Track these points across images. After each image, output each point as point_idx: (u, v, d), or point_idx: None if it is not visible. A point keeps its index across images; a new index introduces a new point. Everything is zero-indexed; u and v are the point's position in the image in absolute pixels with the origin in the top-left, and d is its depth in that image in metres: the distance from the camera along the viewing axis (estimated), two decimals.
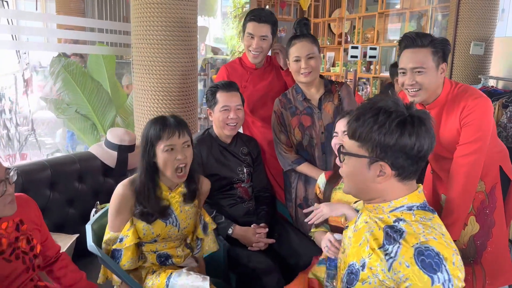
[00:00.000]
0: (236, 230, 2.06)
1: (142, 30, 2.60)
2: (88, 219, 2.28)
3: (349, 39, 6.63)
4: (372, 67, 6.14)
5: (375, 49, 4.04)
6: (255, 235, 2.05)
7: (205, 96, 2.33)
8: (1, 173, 1.32)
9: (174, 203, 1.77)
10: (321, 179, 1.90)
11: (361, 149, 1.11)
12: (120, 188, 1.70)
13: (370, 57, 4.09)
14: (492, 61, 4.11)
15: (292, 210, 2.33)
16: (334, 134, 1.81)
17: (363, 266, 1.11)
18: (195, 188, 1.81)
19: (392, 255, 1.05)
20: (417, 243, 1.02)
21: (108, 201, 2.31)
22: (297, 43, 2.12)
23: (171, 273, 1.66)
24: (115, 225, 1.72)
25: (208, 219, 1.94)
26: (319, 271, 1.76)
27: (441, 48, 1.76)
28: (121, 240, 1.69)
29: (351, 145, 1.15)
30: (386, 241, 1.08)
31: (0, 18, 2.86)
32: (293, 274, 1.91)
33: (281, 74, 2.50)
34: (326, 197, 1.79)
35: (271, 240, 2.08)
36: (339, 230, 1.71)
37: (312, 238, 1.91)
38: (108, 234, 1.73)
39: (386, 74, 5.92)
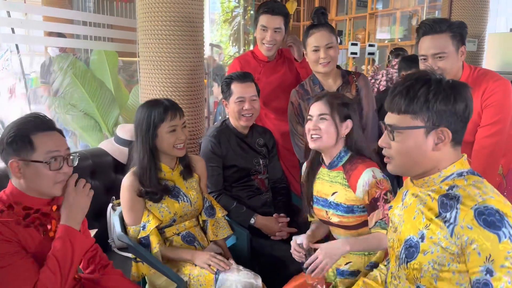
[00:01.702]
0: (258, 220, 2.05)
1: (149, 26, 2.57)
2: (101, 216, 2.25)
3: (338, 41, 6.70)
4: (363, 67, 6.22)
5: (373, 46, 4.11)
6: (278, 224, 2.05)
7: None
8: (63, 151, 1.35)
9: (179, 182, 1.85)
10: (303, 168, 1.85)
11: (416, 121, 1.12)
12: (126, 180, 1.75)
13: (369, 53, 4.17)
14: (485, 56, 4.22)
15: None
16: (309, 117, 1.71)
17: (422, 238, 1.12)
18: (187, 163, 1.89)
19: (452, 220, 1.05)
20: (475, 205, 1.03)
21: (119, 197, 2.28)
22: (315, 33, 2.10)
23: None
24: (133, 218, 1.74)
25: (215, 204, 1.96)
26: None
27: (459, 32, 1.80)
28: (144, 227, 1.72)
29: (402, 120, 1.14)
30: (442, 209, 1.09)
31: None
32: None
33: (293, 67, 2.51)
34: (309, 188, 1.74)
35: (293, 229, 2.07)
36: (325, 222, 1.72)
37: None
38: (129, 230, 1.75)
39: None
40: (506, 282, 0.97)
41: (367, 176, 1.53)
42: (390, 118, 1.18)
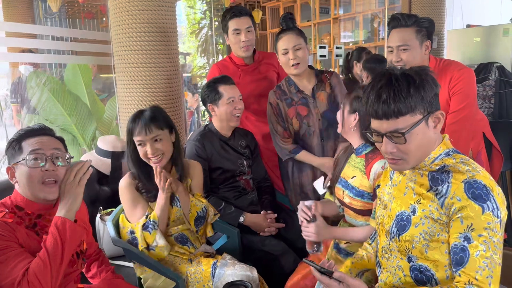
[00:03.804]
0: (247, 218, 2.11)
1: (123, 38, 2.60)
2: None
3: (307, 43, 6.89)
4: (331, 69, 6.39)
5: (340, 48, 4.27)
6: (266, 221, 2.11)
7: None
8: (47, 150, 1.37)
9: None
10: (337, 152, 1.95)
11: (416, 116, 1.15)
12: (123, 182, 1.80)
13: (337, 55, 4.33)
14: (446, 53, 4.44)
15: (293, 198, 2.40)
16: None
17: (413, 212, 1.20)
18: (182, 169, 1.90)
19: (443, 193, 1.14)
20: (465, 178, 1.12)
21: (105, 208, 2.29)
22: (283, 37, 2.21)
23: (215, 262, 1.70)
24: (136, 214, 1.77)
25: (209, 207, 1.97)
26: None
27: (425, 27, 1.93)
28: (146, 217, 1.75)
29: (403, 121, 1.15)
30: (433, 183, 1.17)
31: None
32: (303, 256, 1.97)
33: (271, 70, 2.60)
34: (338, 169, 1.82)
35: (281, 224, 2.15)
36: (340, 201, 1.80)
37: None
38: (129, 226, 1.76)
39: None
40: (481, 250, 1.06)
41: (377, 166, 1.61)
42: (389, 124, 1.16)
